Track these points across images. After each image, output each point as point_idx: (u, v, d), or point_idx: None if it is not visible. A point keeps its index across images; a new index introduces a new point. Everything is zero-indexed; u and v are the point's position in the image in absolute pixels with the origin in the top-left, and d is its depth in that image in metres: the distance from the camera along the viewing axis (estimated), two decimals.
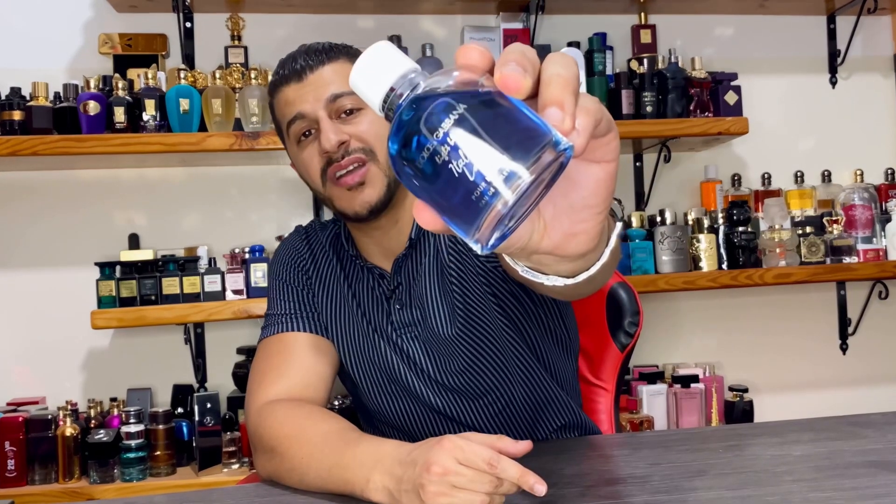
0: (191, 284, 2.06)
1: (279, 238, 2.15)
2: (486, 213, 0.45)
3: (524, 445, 0.84)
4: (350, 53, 1.19)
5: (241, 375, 2.19)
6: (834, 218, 2.36)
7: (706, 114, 2.28)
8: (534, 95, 0.51)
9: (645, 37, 2.48)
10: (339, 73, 1.16)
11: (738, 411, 2.29)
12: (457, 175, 0.44)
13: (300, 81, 1.15)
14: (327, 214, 2.38)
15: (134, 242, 2.27)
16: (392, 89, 0.47)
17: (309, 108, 1.14)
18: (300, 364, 1.18)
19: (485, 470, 0.80)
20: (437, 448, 0.82)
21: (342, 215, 1.19)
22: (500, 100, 0.46)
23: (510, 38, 2.34)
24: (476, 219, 0.46)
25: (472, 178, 0.44)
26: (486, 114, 0.45)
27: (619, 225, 0.70)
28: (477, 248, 0.49)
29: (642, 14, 2.50)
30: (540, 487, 0.79)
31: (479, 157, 0.44)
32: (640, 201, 2.53)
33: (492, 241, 0.47)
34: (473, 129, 0.44)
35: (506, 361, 1.21)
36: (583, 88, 2.21)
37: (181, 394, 2.20)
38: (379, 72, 0.47)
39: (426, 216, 0.52)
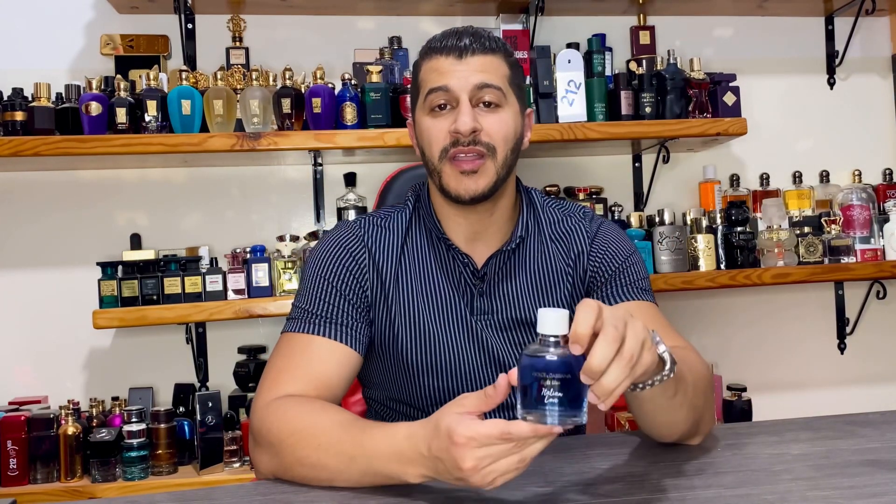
0: (192, 284, 2.06)
1: (280, 238, 2.15)
2: (534, 416, 0.82)
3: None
4: (507, 52, 1.25)
5: (242, 375, 2.20)
6: (832, 218, 2.37)
7: (705, 115, 2.29)
8: None
9: (644, 38, 2.49)
10: (494, 66, 1.21)
11: (737, 410, 2.30)
12: (543, 394, 0.81)
13: (459, 59, 1.20)
14: (328, 215, 2.38)
15: (136, 242, 2.28)
16: (549, 335, 0.83)
17: (456, 85, 1.19)
18: (319, 370, 1.17)
19: (501, 443, 0.84)
20: (454, 448, 0.85)
21: (445, 193, 1.23)
22: (577, 374, 0.82)
23: (510, 39, 2.35)
24: (527, 410, 0.82)
25: (543, 400, 0.81)
26: (570, 384, 0.81)
27: (658, 378, 0.94)
28: (518, 409, 0.83)
29: (641, 15, 2.51)
30: (558, 428, 0.82)
31: (549, 400, 0.81)
32: (639, 202, 2.55)
33: (521, 416, 0.83)
34: (560, 388, 0.81)
35: None
36: (581, 90, 2.22)
37: (183, 393, 2.21)
38: (556, 322, 0.83)
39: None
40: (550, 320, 0.83)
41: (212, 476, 2.01)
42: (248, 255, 2.12)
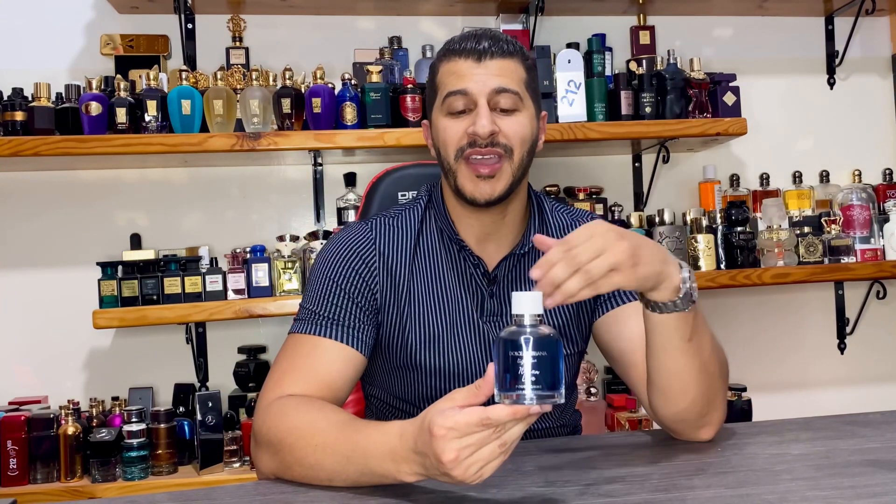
0: (192, 284, 2.06)
1: (280, 238, 2.15)
2: (512, 397, 0.83)
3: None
4: (524, 56, 1.25)
5: (242, 375, 2.20)
6: (832, 218, 2.37)
7: (705, 114, 2.29)
8: None
9: (644, 38, 2.49)
10: (512, 70, 1.22)
11: (737, 410, 2.29)
12: (519, 375, 0.82)
13: (478, 62, 1.20)
14: (328, 215, 2.38)
15: (136, 242, 2.28)
16: (523, 314, 0.84)
17: (474, 89, 1.19)
18: (323, 372, 1.17)
19: (481, 430, 0.84)
20: (434, 441, 0.85)
21: (459, 194, 1.23)
22: (553, 353, 0.83)
23: None
24: (505, 392, 0.83)
25: (519, 381, 0.82)
26: (546, 364, 0.83)
27: (672, 301, 1.02)
28: (496, 393, 0.84)
29: (641, 15, 2.51)
30: (536, 408, 0.83)
31: (526, 380, 0.82)
32: (639, 201, 2.55)
33: (498, 400, 0.84)
34: (536, 367, 0.82)
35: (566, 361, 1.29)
36: (581, 90, 2.22)
37: (183, 393, 2.21)
38: (530, 303, 0.85)
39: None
40: (525, 301, 0.85)
41: (212, 476, 2.01)
42: (248, 255, 2.12)
